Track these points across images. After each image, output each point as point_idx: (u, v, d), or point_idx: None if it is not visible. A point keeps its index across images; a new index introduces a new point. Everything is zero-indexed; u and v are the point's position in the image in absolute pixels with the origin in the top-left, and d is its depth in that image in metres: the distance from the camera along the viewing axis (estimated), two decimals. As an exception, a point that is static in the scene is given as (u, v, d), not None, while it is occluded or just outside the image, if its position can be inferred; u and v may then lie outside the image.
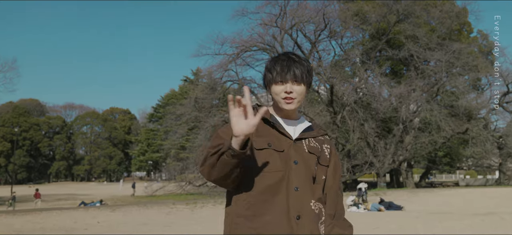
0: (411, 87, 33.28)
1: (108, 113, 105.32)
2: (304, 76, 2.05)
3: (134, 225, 14.31)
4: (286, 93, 2.02)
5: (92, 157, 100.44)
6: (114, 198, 35.53)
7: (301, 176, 2.00)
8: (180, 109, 36.70)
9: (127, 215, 17.03)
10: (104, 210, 19.22)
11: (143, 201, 29.25)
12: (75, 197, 37.57)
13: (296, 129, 2.12)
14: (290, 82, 2.02)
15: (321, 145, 2.15)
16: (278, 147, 2.01)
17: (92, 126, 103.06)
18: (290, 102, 2.03)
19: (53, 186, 79.67)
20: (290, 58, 2.07)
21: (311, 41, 34.78)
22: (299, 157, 2.02)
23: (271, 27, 33.37)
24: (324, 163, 2.12)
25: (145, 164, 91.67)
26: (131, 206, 21.25)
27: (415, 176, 52.97)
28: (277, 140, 2.02)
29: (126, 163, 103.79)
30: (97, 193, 43.63)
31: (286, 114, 2.11)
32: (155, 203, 24.17)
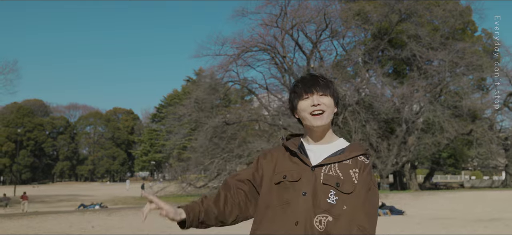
0: (414, 87, 32.89)
1: (111, 113, 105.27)
2: (330, 88, 2.00)
3: (130, 229, 14.08)
4: (314, 106, 1.94)
5: (96, 157, 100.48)
6: (115, 200, 35.35)
7: (305, 210, 1.86)
8: (181, 109, 36.49)
9: (124, 219, 16.76)
10: (101, 214, 18.98)
11: (143, 203, 29.04)
12: (77, 198, 37.38)
13: (323, 153, 1.98)
14: (316, 94, 1.96)
15: (348, 170, 1.93)
16: (294, 177, 1.93)
17: (95, 126, 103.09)
18: (318, 115, 1.94)
19: (57, 186, 79.69)
20: (313, 75, 2.05)
21: (312, 41, 34.49)
22: (310, 187, 1.90)
23: (271, 27, 33.13)
24: (347, 191, 1.90)
25: (148, 164, 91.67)
26: (128, 210, 21.01)
27: (419, 176, 52.54)
28: (295, 169, 1.95)
29: (129, 163, 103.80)
30: (99, 194, 43.51)
31: (315, 136, 2.00)
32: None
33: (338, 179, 1.90)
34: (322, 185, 1.90)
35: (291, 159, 1.99)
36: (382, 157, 33.87)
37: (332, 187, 1.89)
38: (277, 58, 35.63)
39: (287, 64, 35.28)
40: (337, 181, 1.90)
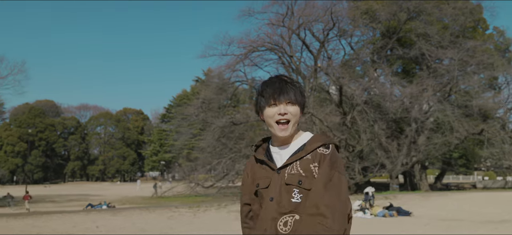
0: (423, 86, 32.44)
1: (121, 113, 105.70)
2: (297, 97, 2.00)
3: (133, 230, 14.00)
4: (280, 115, 1.95)
5: (106, 157, 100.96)
6: (123, 200, 35.37)
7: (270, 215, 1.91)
8: (188, 109, 36.46)
9: (128, 220, 16.70)
10: (106, 213, 18.95)
11: (152, 203, 29.03)
12: (86, 198, 37.45)
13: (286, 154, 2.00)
14: (283, 103, 1.96)
15: (308, 165, 1.93)
16: (265, 184, 1.97)
17: (105, 127, 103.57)
18: (284, 129, 1.96)
19: (68, 186, 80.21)
20: (282, 80, 2.03)
21: (319, 40, 34.22)
22: (276, 191, 1.93)
23: (278, 27, 32.90)
24: (308, 187, 1.90)
25: (157, 164, 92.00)
26: (133, 210, 20.97)
27: (430, 177, 51.97)
28: (266, 175, 1.99)
29: (140, 163, 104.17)
30: (109, 194, 43.60)
31: (280, 140, 2.02)
32: (158, 206, 23.86)
33: (299, 176, 1.91)
34: (285, 186, 1.92)
35: (261, 167, 2.04)
36: (392, 157, 33.49)
37: (294, 186, 1.90)
38: (284, 58, 35.46)
39: (295, 63, 35.07)
40: (299, 178, 1.91)
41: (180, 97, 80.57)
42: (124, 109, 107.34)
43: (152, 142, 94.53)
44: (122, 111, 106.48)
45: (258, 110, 2.10)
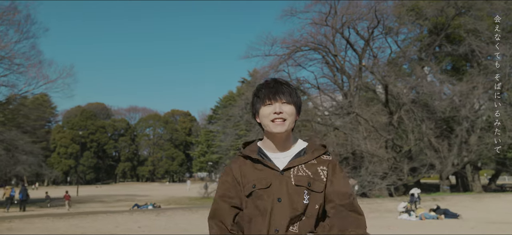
0: (473, 84, 31.16)
1: (169, 115, 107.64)
2: (293, 97, 2.03)
3: (174, 230, 14.15)
4: (276, 114, 1.98)
5: (155, 158, 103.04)
6: (170, 200, 35.93)
7: (283, 216, 1.92)
8: (231, 110, 36.63)
9: (171, 220, 16.91)
10: (150, 214, 19.25)
11: (196, 203, 29.35)
12: (134, 198, 38.33)
13: (286, 158, 2.03)
14: (279, 102, 1.99)
15: (315, 169, 2.00)
16: (264, 184, 1.96)
17: (154, 128, 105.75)
18: (280, 124, 1.98)
19: (118, 186, 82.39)
20: (277, 81, 2.08)
21: (364, 38, 33.51)
22: (284, 192, 1.94)
23: (322, 26, 32.47)
24: (318, 189, 1.98)
25: (205, 165, 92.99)
26: (177, 210, 21.22)
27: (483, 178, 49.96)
28: (263, 176, 1.98)
29: (188, 164, 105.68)
30: (157, 194, 44.48)
31: (277, 143, 2.04)
32: (201, 206, 24.04)
33: (309, 178, 1.96)
34: (295, 187, 1.94)
35: (255, 167, 2.02)
36: (441, 158, 32.40)
37: (304, 187, 1.95)
38: (328, 57, 34.98)
39: (339, 63, 34.54)
40: (308, 180, 1.96)
41: (226, 98, 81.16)
42: (172, 111, 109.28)
43: (199, 143, 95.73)
44: (170, 113, 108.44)
45: (254, 112, 2.14)
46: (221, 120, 55.06)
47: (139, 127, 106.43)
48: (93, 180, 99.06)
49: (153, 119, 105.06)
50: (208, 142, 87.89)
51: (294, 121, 2.04)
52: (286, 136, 2.06)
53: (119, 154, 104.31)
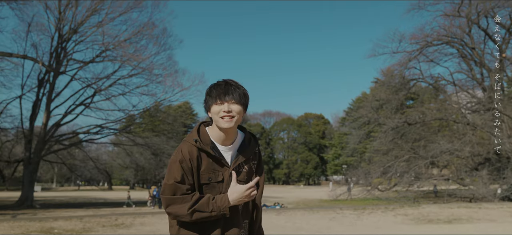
0: None
1: (303, 118, 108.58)
2: (241, 97, 2.33)
3: (290, 229, 14.19)
4: (225, 112, 2.27)
5: (290, 162, 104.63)
6: (300, 201, 36.17)
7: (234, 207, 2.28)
8: (360, 112, 35.71)
9: (290, 219, 17.00)
10: (272, 213, 19.55)
11: (322, 205, 29.16)
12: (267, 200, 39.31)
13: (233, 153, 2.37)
14: (228, 102, 2.29)
15: (250, 163, 2.42)
16: (218, 178, 2.30)
17: (288, 132, 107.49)
18: (229, 121, 2.27)
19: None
20: (227, 83, 2.35)
21: (505, 27, 30.33)
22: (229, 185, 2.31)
23: (454, 18, 30.11)
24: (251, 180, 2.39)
25: (340, 167, 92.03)
26: (297, 210, 21.27)
27: None
28: (217, 170, 2.31)
29: (322, 167, 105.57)
30: (289, 196, 45.11)
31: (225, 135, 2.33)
32: (322, 207, 23.82)
33: (246, 173, 2.38)
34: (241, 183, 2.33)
35: (209, 159, 2.31)
36: None
37: (244, 182, 2.34)
38: (465, 51, 32.40)
39: (477, 56, 31.78)
40: (246, 175, 2.38)
41: (359, 99, 79.71)
42: (305, 114, 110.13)
43: (333, 146, 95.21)
44: (303, 116, 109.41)
45: (206, 108, 2.39)
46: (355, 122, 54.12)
47: (274, 131, 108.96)
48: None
49: (287, 123, 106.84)
50: (342, 145, 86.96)
51: (241, 118, 2.34)
52: (233, 131, 2.36)
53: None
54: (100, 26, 30.65)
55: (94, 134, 34.27)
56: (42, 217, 19.30)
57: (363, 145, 62.34)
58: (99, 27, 30.69)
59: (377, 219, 16.97)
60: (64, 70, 31.67)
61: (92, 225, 15.03)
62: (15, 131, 33.00)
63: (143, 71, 32.08)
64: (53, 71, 30.22)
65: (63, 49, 30.94)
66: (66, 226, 14.69)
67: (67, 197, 48.53)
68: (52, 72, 30.41)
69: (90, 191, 76.38)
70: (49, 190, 77.87)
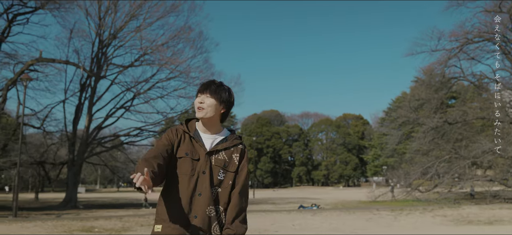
0: None
1: (341, 119, 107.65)
2: (217, 92, 2.65)
3: (326, 229, 14.16)
4: (199, 103, 2.64)
5: (329, 163, 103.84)
6: (338, 203, 35.87)
7: (205, 184, 2.58)
8: (398, 112, 35.05)
9: (326, 220, 16.95)
10: (307, 214, 19.52)
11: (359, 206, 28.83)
12: (304, 201, 39.21)
13: (214, 142, 2.70)
14: (204, 94, 2.64)
15: (231, 154, 2.70)
16: (194, 156, 2.62)
17: (327, 133, 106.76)
18: (199, 111, 2.64)
19: (294, 190, 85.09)
20: (211, 81, 2.73)
21: (551, 20, 29.11)
22: (207, 167, 2.61)
23: (496, 13, 29.12)
24: (231, 169, 2.68)
25: (379, 169, 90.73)
26: (333, 211, 21.15)
27: None
28: (194, 150, 2.64)
29: (362, 168, 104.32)
30: (327, 197, 44.87)
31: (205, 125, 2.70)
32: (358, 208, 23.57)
33: (225, 161, 2.67)
34: (215, 166, 2.64)
35: (191, 141, 2.67)
36: None
37: (220, 167, 2.65)
38: (508, 47, 31.34)
39: (522, 52, 30.70)
40: (224, 162, 2.67)
41: (399, 99, 78.32)
42: (344, 115, 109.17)
43: (372, 146, 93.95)
44: (342, 117, 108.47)
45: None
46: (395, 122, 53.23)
47: (312, 132, 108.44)
48: (271, 184, 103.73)
49: (325, 124, 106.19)
50: (382, 146, 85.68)
51: (214, 111, 2.64)
52: (210, 122, 2.69)
53: (294, 159, 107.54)
54: (138, 31, 31.39)
55: (134, 136, 35.03)
56: (84, 216, 19.94)
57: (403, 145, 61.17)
58: (138, 32, 31.43)
59: (415, 220, 16.69)
60: (105, 75, 32.55)
61: (131, 225, 15.42)
62: (59, 135, 34.13)
63: (180, 74, 32.63)
64: (94, 75, 31.12)
65: (103, 54, 31.82)
66: (106, 226, 15.14)
67: (109, 198, 49.84)
68: (94, 77, 31.32)
69: (131, 192, 78.11)
70: (92, 192, 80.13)
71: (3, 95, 27.19)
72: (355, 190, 75.62)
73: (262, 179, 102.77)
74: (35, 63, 28.00)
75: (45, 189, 74.06)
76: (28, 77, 23.59)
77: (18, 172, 22.61)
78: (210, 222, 2.56)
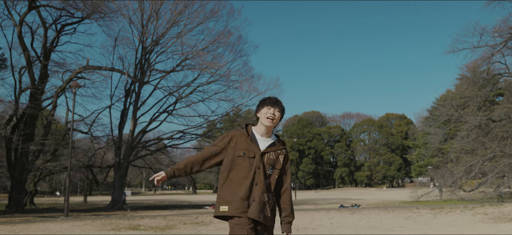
0: None
1: (384, 119, 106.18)
2: (282, 109, 3.44)
3: (363, 228, 14.34)
4: (271, 115, 3.34)
5: (372, 163, 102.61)
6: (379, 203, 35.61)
7: (260, 177, 3.27)
8: (440, 110, 34.48)
9: (363, 218, 17.12)
10: (346, 212, 19.70)
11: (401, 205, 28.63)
12: (345, 201, 39.15)
13: (266, 144, 3.37)
14: (274, 109, 3.37)
15: (278, 156, 3.40)
16: (250, 155, 3.29)
17: (369, 133, 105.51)
18: (270, 122, 3.34)
19: (336, 191, 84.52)
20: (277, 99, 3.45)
21: None
22: (261, 164, 3.28)
23: (540, 7, 28.40)
24: (277, 167, 3.38)
25: (424, 169, 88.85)
26: (372, 210, 21.18)
27: None
28: (251, 149, 3.31)
29: (406, 168, 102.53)
30: (369, 198, 44.52)
31: (263, 131, 3.38)
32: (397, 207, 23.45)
33: (273, 160, 3.36)
34: (266, 163, 3.31)
35: (247, 142, 3.33)
36: None
37: (270, 165, 3.34)
38: (555, 42, 30.41)
39: None
40: (273, 161, 3.35)
41: (443, 97, 76.57)
42: (386, 115, 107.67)
43: (417, 146, 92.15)
44: (384, 117, 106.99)
45: (257, 109, 3.46)
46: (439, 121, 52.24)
47: (354, 132, 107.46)
48: (313, 186, 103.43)
49: (367, 124, 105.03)
50: (427, 145, 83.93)
51: (278, 122, 3.41)
52: (269, 130, 3.39)
53: (336, 160, 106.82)
54: (179, 37, 32.28)
55: (177, 139, 35.96)
56: (130, 216, 20.84)
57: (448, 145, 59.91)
58: (179, 38, 32.33)
59: (454, 218, 16.63)
60: (148, 80, 33.62)
61: (175, 223, 16.10)
62: (106, 139, 35.44)
63: (220, 77, 33.30)
64: (138, 81, 32.23)
65: (146, 60, 32.90)
66: (151, 224, 15.87)
67: (155, 200, 51.21)
68: (138, 83, 32.44)
69: (175, 194, 79.62)
70: (138, 194, 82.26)
71: (53, 102, 28.59)
72: (398, 191, 74.48)
73: (304, 181, 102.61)
74: (82, 71, 29.28)
75: (93, 192, 76.77)
76: (76, 84, 24.79)
77: (68, 175, 23.77)
78: (264, 205, 3.26)
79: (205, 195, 74.77)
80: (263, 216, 3.23)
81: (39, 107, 27.58)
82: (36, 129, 30.01)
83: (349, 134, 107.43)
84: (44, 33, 27.55)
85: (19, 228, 14.80)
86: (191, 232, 13.23)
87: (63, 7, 27.09)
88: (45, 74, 28.40)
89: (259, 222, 3.24)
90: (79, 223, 16.60)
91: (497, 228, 13.58)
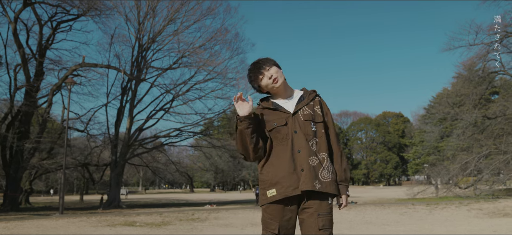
0: None
1: (381, 117, 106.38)
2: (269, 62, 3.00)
3: (359, 223, 14.36)
4: (270, 79, 2.93)
5: (369, 162, 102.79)
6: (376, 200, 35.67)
7: (300, 141, 2.85)
8: (436, 108, 34.57)
9: (359, 214, 17.19)
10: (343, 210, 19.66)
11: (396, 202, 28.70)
12: (342, 199, 39.13)
13: (293, 103, 2.98)
14: (265, 71, 2.95)
15: (313, 108, 2.98)
16: (282, 123, 2.89)
17: (366, 131, 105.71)
18: (276, 80, 2.94)
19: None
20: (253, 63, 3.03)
21: None
22: (297, 126, 2.88)
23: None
24: (319, 120, 2.96)
25: (421, 167, 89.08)
26: (368, 206, 21.26)
27: None
28: (280, 118, 2.92)
29: (403, 167, 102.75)
30: (366, 196, 44.65)
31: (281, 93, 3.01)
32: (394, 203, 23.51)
33: (311, 115, 2.95)
34: (304, 122, 2.91)
35: (272, 113, 2.95)
36: None
37: (310, 121, 2.92)
38: (549, 39, 30.50)
39: None
40: (311, 116, 2.94)
41: (440, 95, 76.72)
42: (383, 113, 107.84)
43: (413, 144, 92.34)
44: (381, 115, 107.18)
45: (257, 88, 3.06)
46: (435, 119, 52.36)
47: (351, 131, 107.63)
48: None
49: (364, 122, 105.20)
50: (423, 143, 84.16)
51: (282, 75, 3.00)
52: (284, 86, 3.02)
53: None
54: (176, 34, 32.24)
55: (174, 137, 35.92)
56: (126, 213, 20.83)
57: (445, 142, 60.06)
58: (175, 36, 32.28)
59: (449, 214, 16.69)
60: (145, 78, 33.58)
61: (171, 219, 16.09)
62: (102, 137, 35.34)
63: (217, 75, 33.25)
64: (134, 79, 32.18)
65: (143, 58, 32.85)
66: (147, 220, 15.86)
67: (152, 199, 51.24)
68: (134, 80, 32.39)
69: (172, 193, 79.62)
70: (135, 193, 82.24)
71: (49, 100, 28.52)
72: (395, 189, 74.73)
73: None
74: (78, 68, 29.22)
75: (89, 191, 76.66)
76: (72, 81, 24.74)
77: (64, 173, 23.73)
78: (316, 170, 2.81)
79: (202, 194, 74.82)
80: (319, 183, 2.79)
81: (35, 105, 27.51)
82: (31, 127, 29.93)
83: (346, 133, 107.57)
84: (39, 30, 27.47)
85: (13, 225, 14.78)
86: (187, 228, 13.22)
87: (58, 4, 27.03)
88: (41, 72, 28.32)
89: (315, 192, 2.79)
90: (74, 220, 16.58)
91: (492, 223, 13.62)
